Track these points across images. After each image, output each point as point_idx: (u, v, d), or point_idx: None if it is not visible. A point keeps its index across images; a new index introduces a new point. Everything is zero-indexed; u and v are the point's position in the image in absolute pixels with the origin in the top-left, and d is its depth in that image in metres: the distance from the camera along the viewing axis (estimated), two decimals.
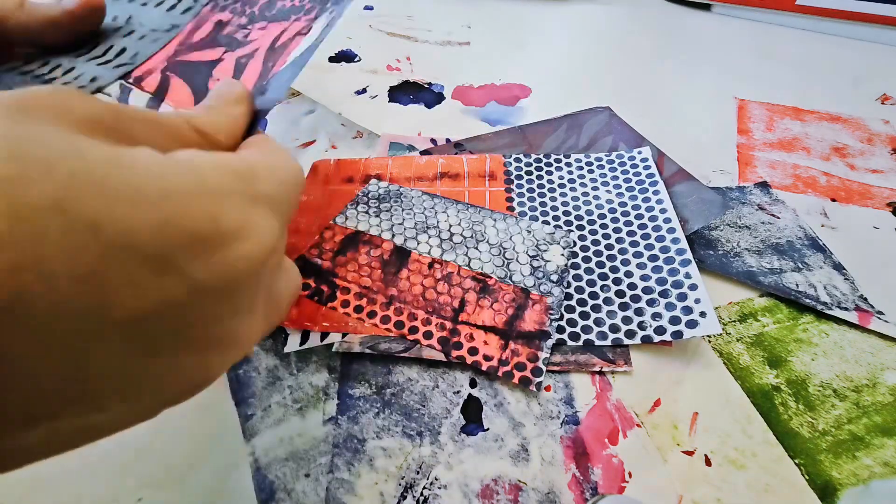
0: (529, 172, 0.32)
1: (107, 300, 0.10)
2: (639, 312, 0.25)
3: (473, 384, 0.24)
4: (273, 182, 0.15)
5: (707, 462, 0.21)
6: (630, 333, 0.24)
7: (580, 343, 0.24)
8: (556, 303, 0.25)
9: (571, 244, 0.28)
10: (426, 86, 0.41)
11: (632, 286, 0.26)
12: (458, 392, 0.23)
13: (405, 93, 0.41)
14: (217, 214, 0.12)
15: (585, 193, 0.31)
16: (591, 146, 0.34)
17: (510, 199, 0.31)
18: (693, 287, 0.25)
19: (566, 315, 0.25)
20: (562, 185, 0.31)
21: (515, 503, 0.20)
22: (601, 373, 0.24)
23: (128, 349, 0.11)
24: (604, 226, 0.29)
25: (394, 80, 0.42)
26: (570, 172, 0.32)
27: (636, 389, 0.23)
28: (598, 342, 0.24)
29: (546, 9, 0.52)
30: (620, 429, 0.22)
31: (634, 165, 0.32)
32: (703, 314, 0.24)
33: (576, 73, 0.43)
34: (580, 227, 0.29)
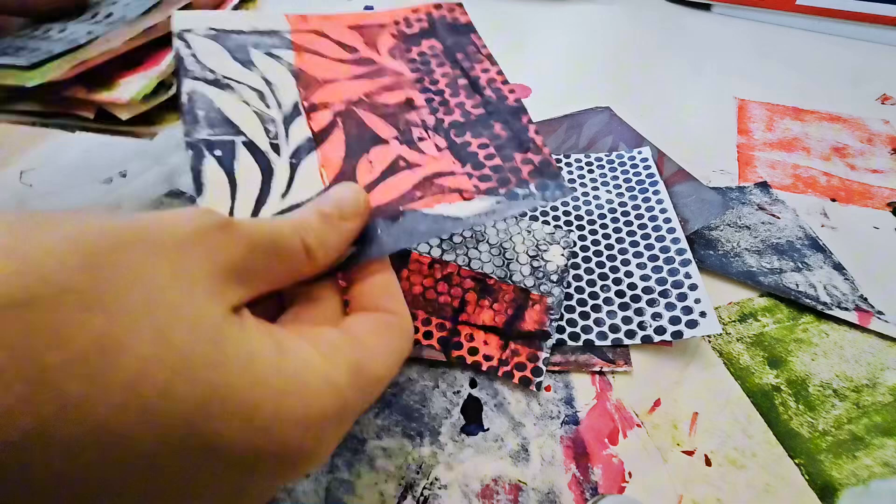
0: None
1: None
2: (639, 312, 0.25)
3: (473, 384, 0.24)
4: (371, 399, 0.15)
5: (707, 462, 0.21)
6: (630, 333, 0.24)
7: (580, 343, 0.24)
8: (556, 303, 0.25)
9: (571, 244, 0.28)
10: None
11: (632, 286, 0.26)
12: (458, 392, 0.23)
13: None
14: (306, 446, 0.13)
15: (585, 193, 0.31)
16: (591, 146, 0.34)
17: None
18: (693, 287, 0.25)
19: (566, 315, 0.25)
20: None
21: (515, 503, 0.20)
22: (601, 373, 0.24)
23: None
24: (604, 226, 0.29)
25: None
26: (570, 172, 0.32)
27: (636, 389, 0.23)
28: (598, 342, 0.24)
29: (546, 9, 0.52)
30: (620, 429, 0.22)
31: (634, 165, 0.32)
32: (703, 314, 0.24)
33: (576, 73, 0.43)
34: (580, 227, 0.29)
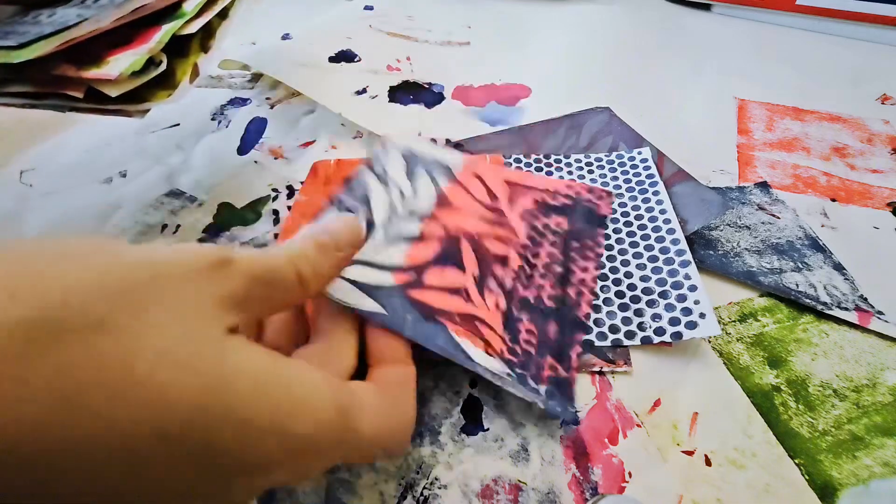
0: None
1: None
2: (638, 313, 0.25)
3: (473, 384, 0.24)
4: (367, 447, 0.16)
5: (707, 462, 0.21)
6: (630, 334, 0.24)
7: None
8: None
9: None
10: (426, 86, 0.41)
11: (632, 287, 0.26)
12: (458, 392, 0.23)
13: (405, 93, 0.41)
14: (290, 462, 0.13)
15: None
16: (591, 146, 0.34)
17: None
18: (693, 288, 0.25)
19: None
20: None
21: (515, 503, 0.20)
22: (601, 373, 0.24)
23: None
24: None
25: (394, 80, 0.42)
26: (570, 173, 0.32)
27: (636, 389, 0.23)
28: (598, 342, 0.24)
29: (546, 9, 0.52)
30: (620, 429, 0.22)
31: (634, 166, 0.32)
32: (703, 315, 0.24)
33: (576, 73, 0.43)
34: None
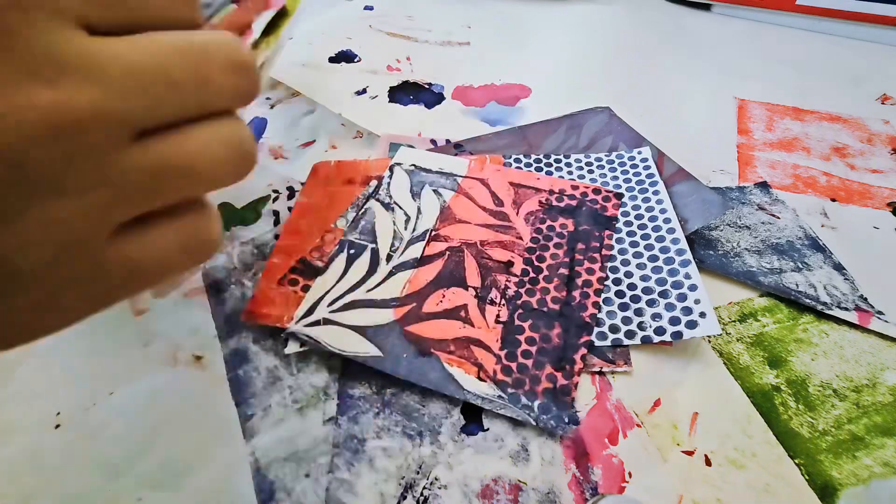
0: None
1: None
2: (638, 313, 0.25)
3: None
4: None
5: (707, 462, 0.21)
6: (630, 334, 0.24)
7: None
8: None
9: None
10: (426, 86, 0.41)
11: (632, 286, 0.26)
12: None
13: (405, 93, 0.41)
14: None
15: None
16: (591, 146, 0.34)
17: None
18: (693, 287, 0.25)
19: None
20: None
21: (515, 503, 0.20)
22: (601, 373, 0.24)
23: None
24: None
25: (394, 81, 0.42)
26: (570, 173, 0.32)
27: (636, 389, 0.23)
28: (598, 342, 0.24)
29: (546, 9, 0.52)
30: (620, 429, 0.22)
31: (634, 165, 0.32)
32: (703, 315, 0.24)
33: (576, 73, 0.43)
34: None
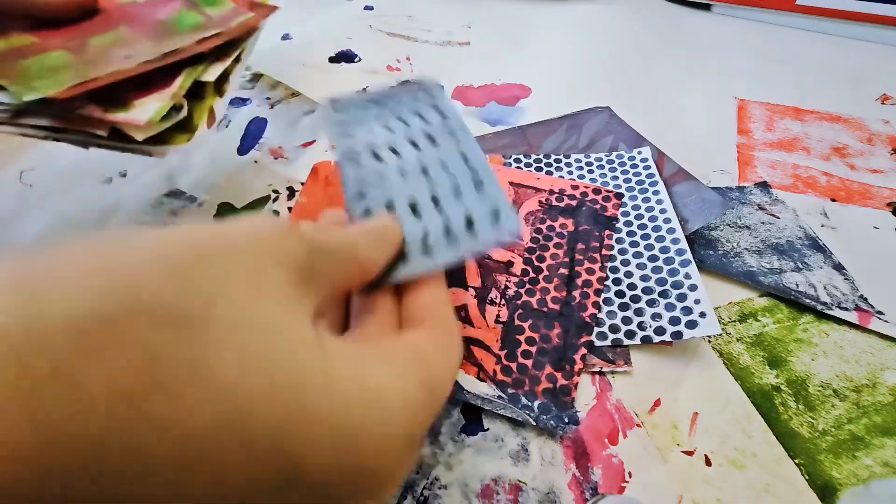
0: None
1: None
2: (639, 313, 0.25)
3: None
4: (434, 417, 0.14)
5: (707, 462, 0.21)
6: (630, 334, 0.24)
7: None
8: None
9: None
10: None
11: (632, 286, 0.26)
12: None
13: None
14: (383, 468, 0.12)
15: None
16: (591, 146, 0.34)
17: None
18: (693, 287, 0.25)
19: None
20: None
21: (515, 503, 0.20)
22: (601, 373, 0.24)
23: None
24: None
25: (394, 81, 0.42)
26: (570, 173, 0.32)
27: (636, 389, 0.23)
28: (598, 342, 0.24)
29: (546, 9, 0.52)
30: (620, 429, 0.22)
31: (634, 165, 0.32)
32: (703, 315, 0.24)
33: (576, 73, 0.43)
34: None
